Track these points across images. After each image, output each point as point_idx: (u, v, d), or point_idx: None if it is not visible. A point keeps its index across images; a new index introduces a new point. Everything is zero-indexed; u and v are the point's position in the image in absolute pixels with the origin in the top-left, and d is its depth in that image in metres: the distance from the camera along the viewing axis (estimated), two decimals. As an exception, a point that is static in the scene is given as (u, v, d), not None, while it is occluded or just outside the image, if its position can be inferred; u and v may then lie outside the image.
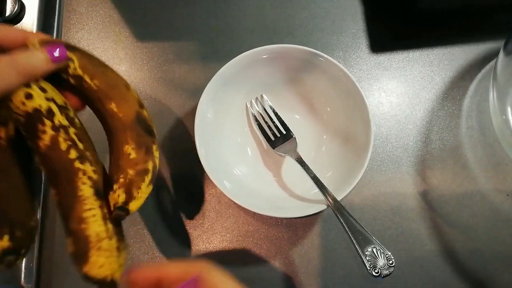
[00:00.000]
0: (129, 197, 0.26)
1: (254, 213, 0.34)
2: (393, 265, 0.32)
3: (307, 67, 0.39)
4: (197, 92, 0.38)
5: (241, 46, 0.44)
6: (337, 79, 0.38)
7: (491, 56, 0.45)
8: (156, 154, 0.29)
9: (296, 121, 0.42)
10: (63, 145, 0.25)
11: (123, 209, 0.26)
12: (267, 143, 0.41)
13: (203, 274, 0.21)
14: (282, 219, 0.41)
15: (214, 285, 0.21)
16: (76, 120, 0.27)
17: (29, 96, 0.24)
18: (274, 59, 0.39)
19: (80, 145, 0.26)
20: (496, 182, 0.41)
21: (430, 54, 0.45)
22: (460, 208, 0.41)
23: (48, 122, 0.25)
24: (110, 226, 0.26)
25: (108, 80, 0.28)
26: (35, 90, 0.25)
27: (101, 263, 0.24)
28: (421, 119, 0.43)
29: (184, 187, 0.42)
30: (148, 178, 0.28)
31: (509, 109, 0.41)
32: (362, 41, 0.46)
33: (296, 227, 0.40)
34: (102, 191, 0.26)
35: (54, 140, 0.25)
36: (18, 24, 0.44)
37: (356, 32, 0.46)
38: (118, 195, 0.26)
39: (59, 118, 0.25)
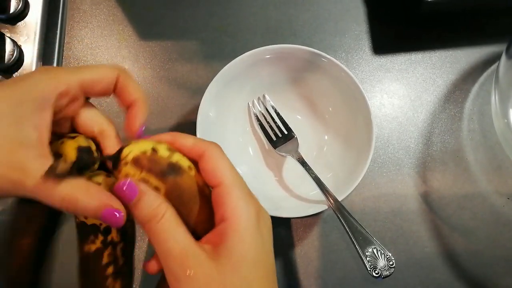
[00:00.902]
0: None
1: (255, 212, 0.34)
2: (393, 266, 0.32)
3: (310, 67, 0.39)
4: (199, 91, 0.38)
5: (244, 46, 0.44)
6: (339, 80, 0.38)
7: (494, 59, 0.45)
8: None
9: (298, 121, 0.42)
10: (105, 259, 0.25)
11: None
12: (269, 143, 0.41)
13: (208, 150, 0.24)
14: (282, 219, 0.41)
15: (211, 157, 0.24)
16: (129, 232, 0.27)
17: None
18: (277, 59, 0.39)
19: (121, 261, 0.26)
20: (497, 185, 0.41)
21: (432, 56, 0.45)
22: (461, 210, 0.41)
23: (100, 238, 0.25)
24: None
25: None
26: None
27: None
28: (423, 122, 0.43)
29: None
30: None
31: (511, 112, 0.41)
32: (365, 43, 0.46)
33: (297, 227, 0.40)
34: None
35: (99, 252, 0.25)
36: (22, 21, 0.44)
37: (359, 34, 0.46)
38: None
39: (113, 235, 0.26)
